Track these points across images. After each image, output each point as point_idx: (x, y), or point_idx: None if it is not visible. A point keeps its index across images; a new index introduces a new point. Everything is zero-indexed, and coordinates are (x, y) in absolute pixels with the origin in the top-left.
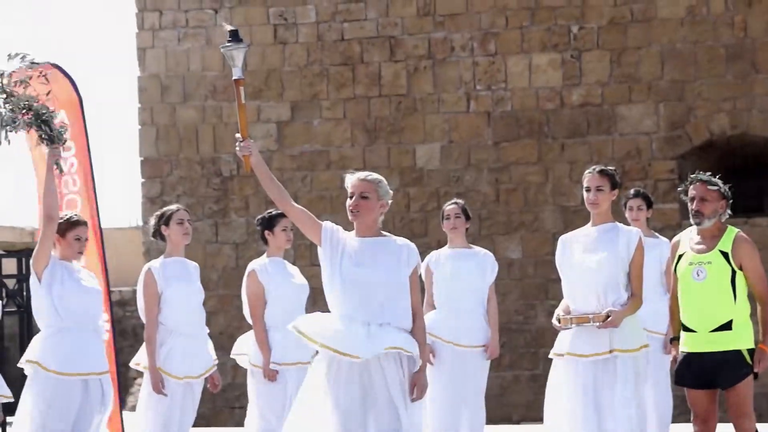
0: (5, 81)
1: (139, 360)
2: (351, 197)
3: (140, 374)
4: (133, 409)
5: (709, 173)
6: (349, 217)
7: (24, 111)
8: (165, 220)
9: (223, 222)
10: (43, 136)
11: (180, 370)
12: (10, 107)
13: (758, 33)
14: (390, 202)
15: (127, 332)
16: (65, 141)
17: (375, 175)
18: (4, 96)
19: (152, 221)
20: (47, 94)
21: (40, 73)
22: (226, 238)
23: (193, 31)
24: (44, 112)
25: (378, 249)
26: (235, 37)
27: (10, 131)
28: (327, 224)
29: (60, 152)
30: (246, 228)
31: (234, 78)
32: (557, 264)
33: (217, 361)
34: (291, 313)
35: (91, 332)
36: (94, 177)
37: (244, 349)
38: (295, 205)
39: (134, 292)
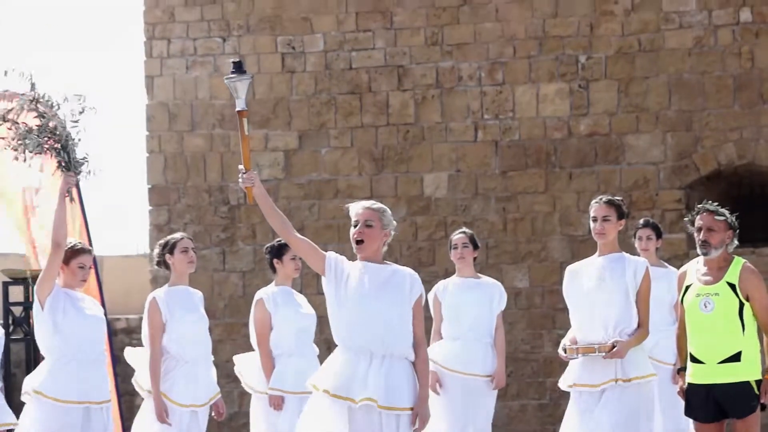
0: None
1: (141, 382)
2: (355, 225)
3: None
4: None
5: (716, 203)
6: (353, 246)
7: (50, 136)
8: (169, 248)
9: (231, 250)
10: (62, 162)
11: (185, 398)
12: (38, 130)
13: (765, 63)
14: (393, 232)
15: None
16: (81, 172)
17: (379, 204)
18: (36, 116)
19: (156, 250)
20: (76, 122)
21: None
22: (233, 266)
23: (201, 59)
24: (70, 140)
25: (382, 278)
26: (238, 68)
27: (32, 153)
28: (331, 254)
29: (74, 181)
30: (253, 256)
31: (237, 109)
32: (564, 294)
33: (219, 395)
34: (297, 342)
35: (92, 361)
36: (84, 204)
37: (243, 369)
38: (299, 235)
39: (140, 319)
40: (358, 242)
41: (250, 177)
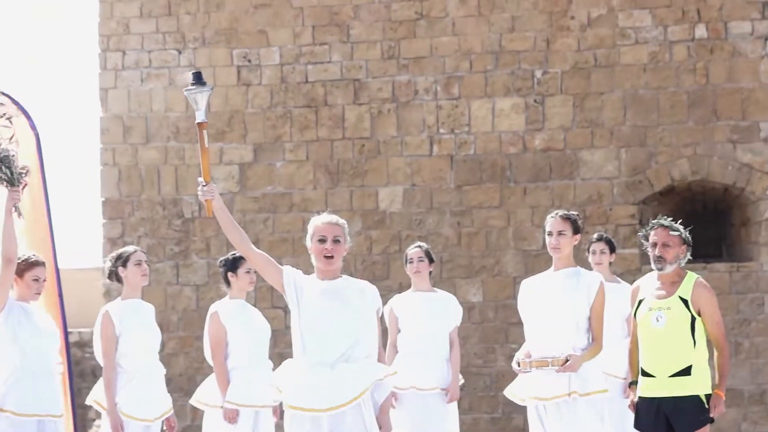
0: None
1: (98, 398)
2: (321, 241)
3: (99, 415)
4: None
5: (670, 218)
6: (321, 263)
7: None
8: (122, 261)
9: (184, 263)
10: (3, 177)
11: (138, 412)
12: None
13: (719, 79)
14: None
15: (86, 373)
16: (25, 185)
17: (341, 219)
18: None
19: (108, 263)
20: (10, 138)
21: (3, 115)
22: (187, 279)
23: (156, 72)
24: (5, 154)
25: (340, 291)
26: (198, 79)
27: None
28: (287, 269)
29: (19, 195)
30: (207, 270)
31: (197, 121)
32: (519, 307)
33: (171, 411)
34: (252, 355)
35: (46, 374)
36: (51, 217)
37: (204, 398)
38: (256, 249)
39: (93, 333)
40: (328, 258)
41: (210, 189)
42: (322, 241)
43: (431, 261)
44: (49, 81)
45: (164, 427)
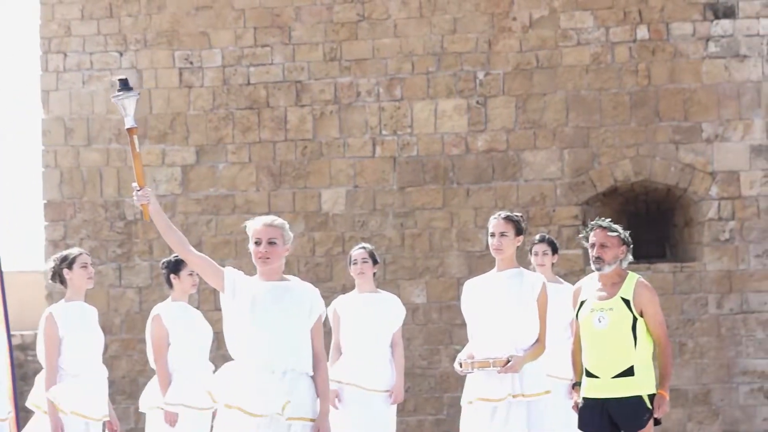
0: None
1: (35, 401)
2: (257, 243)
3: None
4: None
5: (609, 219)
6: (258, 265)
7: None
8: (68, 263)
9: (127, 266)
10: None
11: (80, 408)
12: None
13: (661, 80)
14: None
15: (29, 376)
16: None
17: (279, 220)
18: None
19: (51, 264)
20: None
21: None
22: (129, 282)
23: (98, 74)
24: None
25: (282, 294)
26: (125, 85)
27: None
28: (229, 270)
29: None
30: (150, 272)
31: (126, 127)
32: (462, 308)
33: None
34: (194, 358)
35: None
36: None
37: (150, 402)
38: (196, 252)
39: (35, 335)
40: (263, 260)
41: (145, 194)
42: (258, 243)
43: (375, 262)
44: None
45: (106, 430)
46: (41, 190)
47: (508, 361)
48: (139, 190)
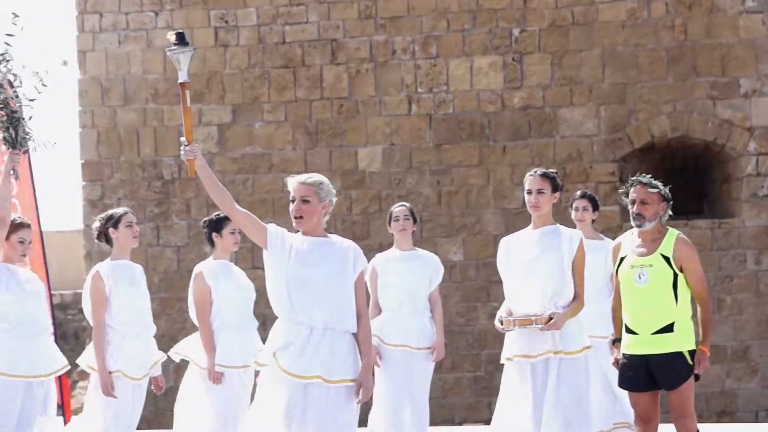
0: None
1: (88, 361)
2: (293, 201)
3: (82, 377)
4: (77, 411)
5: (649, 175)
6: (293, 223)
7: (1, 107)
8: (113, 222)
9: (165, 225)
10: (7, 138)
11: (128, 370)
12: None
13: (698, 36)
14: (334, 200)
15: (68, 335)
16: (27, 150)
17: (315, 177)
18: None
19: (97, 223)
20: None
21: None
22: (167, 241)
23: (133, 34)
24: (18, 115)
25: (324, 250)
26: (181, 39)
27: None
28: (272, 227)
29: (19, 159)
30: (187, 231)
31: (179, 81)
32: (499, 266)
33: (165, 357)
34: (238, 315)
35: (34, 335)
36: (34, 180)
37: (184, 351)
38: (239, 208)
39: (75, 295)
40: (297, 218)
41: (192, 149)
42: (293, 201)
43: (415, 220)
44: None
45: (152, 386)
46: (78, 150)
47: (550, 319)
48: (186, 145)
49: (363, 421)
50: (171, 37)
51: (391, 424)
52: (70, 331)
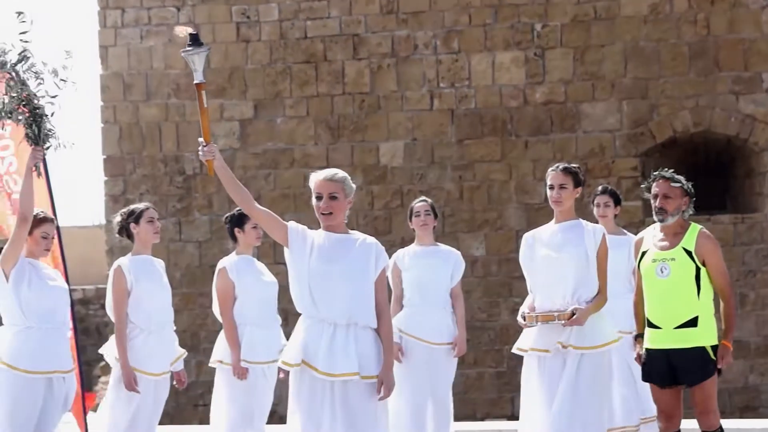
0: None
1: (109, 351)
2: (318, 198)
3: (105, 372)
4: (97, 407)
5: (672, 170)
6: (321, 220)
7: (24, 104)
8: (135, 217)
9: (187, 220)
10: (30, 135)
11: (150, 367)
12: (15, 96)
13: (721, 31)
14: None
15: (90, 330)
16: (49, 146)
17: (340, 173)
18: (14, 84)
19: (118, 218)
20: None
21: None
22: (189, 236)
23: (156, 29)
24: (41, 112)
25: (347, 246)
26: (195, 40)
27: (5, 118)
28: (293, 224)
29: (42, 155)
30: (209, 226)
31: (195, 82)
32: (521, 262)
33: (186, 353)
34: (261, 311)
35: (56, 330)
36: (49, 177)
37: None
38: (259, 207)
39: (96, 290)
40: (325, 215)
41: (211, 150)
42: (319, 198)
43: (436, 216)
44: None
45: (174, 381)
46: (100, 145)
47: (573, 314)
48: (205, 146)
49: None
50: (179, 32)
51: (414, 419)
52: (92, 326)
